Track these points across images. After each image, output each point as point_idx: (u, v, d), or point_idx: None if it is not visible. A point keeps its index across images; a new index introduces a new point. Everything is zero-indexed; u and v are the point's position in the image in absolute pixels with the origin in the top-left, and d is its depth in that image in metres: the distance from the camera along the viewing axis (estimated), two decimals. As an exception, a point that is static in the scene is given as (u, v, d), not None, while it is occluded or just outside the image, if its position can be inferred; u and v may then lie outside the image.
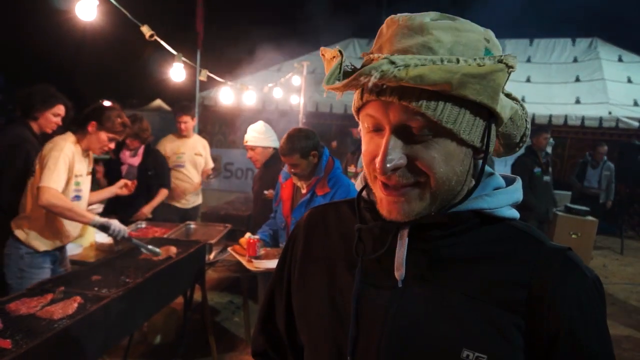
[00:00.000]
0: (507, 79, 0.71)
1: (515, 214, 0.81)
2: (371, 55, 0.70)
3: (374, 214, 0.82)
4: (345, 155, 6.59)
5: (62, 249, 2.94)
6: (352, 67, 0.71)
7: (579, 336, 0.72)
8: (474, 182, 0.80)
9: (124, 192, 3.37)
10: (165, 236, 3.40)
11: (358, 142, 4.55)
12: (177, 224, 3.77)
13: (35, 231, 2.75)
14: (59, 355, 1.80)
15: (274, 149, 3.70)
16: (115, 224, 2.71)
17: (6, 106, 11.46)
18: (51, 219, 2.76)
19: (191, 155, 4.60)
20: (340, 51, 0.72)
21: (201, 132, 8.74)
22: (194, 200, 4.65)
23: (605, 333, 0.75)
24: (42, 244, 2.76)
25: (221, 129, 11.68)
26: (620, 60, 10.31)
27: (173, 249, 2.84)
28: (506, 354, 0.71)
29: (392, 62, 0.64)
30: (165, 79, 3.90)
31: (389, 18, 0.74)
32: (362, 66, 0.68)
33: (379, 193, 0.77)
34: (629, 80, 9.53)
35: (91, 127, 2.77)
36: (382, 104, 0.71)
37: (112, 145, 2.90)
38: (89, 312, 1.90)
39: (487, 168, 0.83)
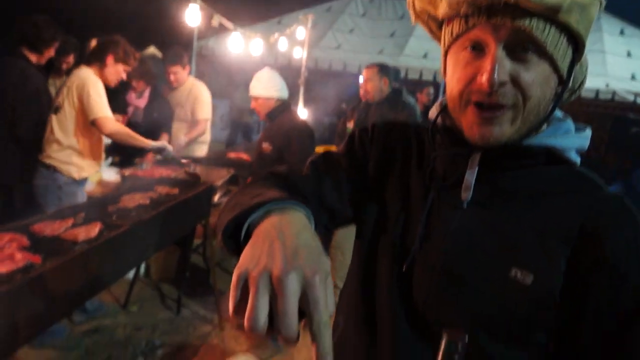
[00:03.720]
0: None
1: (578, 159, 0.86)
2: None
3: (448, 140, 0.89)
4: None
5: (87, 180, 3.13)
6: None
7: (621, 270, 0.76)
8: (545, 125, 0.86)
9: None
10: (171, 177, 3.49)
11: (356, 101, 4.54)
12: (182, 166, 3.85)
13: (78, 160, 3.02)
14: (82, 275, 1.94)
15: (279, 100, 3.47)
16: (167, 146, 3.26)
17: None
18: (95, 148, 3.05)
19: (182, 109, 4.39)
20: None
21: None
22: (198, 150, 4.65)
23: None
24: (83, 172, 3.05)
25: (218, 80, 11.55)
26: (621, 33, 10.28)
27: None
28: (550, 275, 0.79)
29: None
30: (159, 23, 3.87)
31: None
32: None
33: (469, 118, 0.81)
34: (629, 54, 9.55)
35: (109, 59, 2.88)
36: (491, 27, 0.75)
37: (125, 76, 3.08)
38: (111, 237, 2.02)
39: (557, 112, 0.87)
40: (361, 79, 4.15)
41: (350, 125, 6.25)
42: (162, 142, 3.27)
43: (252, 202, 0.69)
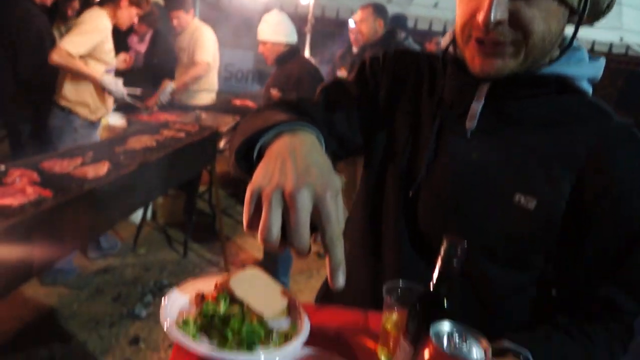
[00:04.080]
0: None
1: (590, 89, 0.86)
2: None
3: (457, 69, 0.89)
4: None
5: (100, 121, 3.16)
6: None
7: (626, 195, 0.80)
8: (558, 52, 0.85)
9: (123, 66, 3.42)
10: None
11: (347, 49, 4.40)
12: (187, 111, 3.84)
13: (92, 101, 3.05)
14: (92, 211, 1.98)
15: (288, 44, 3.33)
16: (120, 88, 3.11)
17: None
18: (99, 92, 3.04)
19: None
20: None
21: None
22: (205, 98, 4.60)
23: None
24: (98, 112, 3.09)
25: (221, 28, 11.30)
26: (641, -16, 9.90)
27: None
28: (554, 201, 0.81)
29: None
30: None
31: None
32: None
33: (471, 52, 0.83)
34: (647, 7, 9.23)
35: (124, 1, 2.86)
36: None
37: (136, 20, 3.07)
38: (119, 175, 2.05)
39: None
40: (351, 23, 3.97)
41: (341, 73, 6.10)
42: (114, 79, 3.09)
43: (263, 125, 0.71)
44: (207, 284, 0.86)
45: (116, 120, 3.57)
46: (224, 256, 3.56)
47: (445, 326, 0.61)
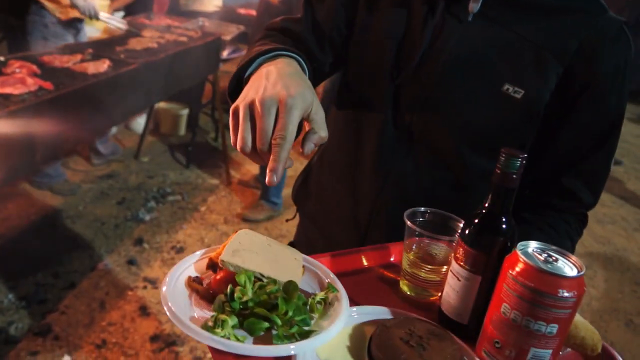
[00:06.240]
0: None
1: None
2: None
3: None
4: None
5: (81, 25, 2.96)
6: None
7: (605, 91, 0.82)
8: None
9: None
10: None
11: None
12: (190, 18, 3.71)
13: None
14: (93, 107, 1.97)
15: None
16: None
17: None
18: None
19: None
20: None
21: None
22: (209, 4, 4.37)
23: (625, 100, 0.85)
24: (63, 14, 2.81)
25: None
26: None
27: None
28: (539, 92, 0.82)
29: None
30: None
31: None
32: None
33: None
34: None
35: None
36: None
37: None
38: (121, 72, 2.01)
39: None
40: None
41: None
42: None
43: (246, 59, 0.78)
44: (194, 264, 0.70)
45: (116, 23, 3.45)
46: (225, 169, 3.59)
47: (531, 245, 0.58)
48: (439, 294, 0.70)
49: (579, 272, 0.54)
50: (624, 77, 0.83)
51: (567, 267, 0.55)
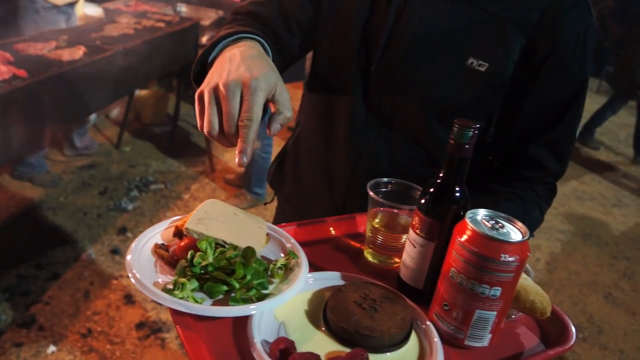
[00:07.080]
0: None
1: None
2: None
3: None
4: None
5: (72, 11, 2.93)
6: None
7: (567, 59, 0.83)
8: None
9: None
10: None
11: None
12: (168, 3, 3.67)
13: None
14: (69, 95, 1.95)
15: None
16: None
17: None
18: None
19: None
20: None
21: None
22: None
23: (588, 67, 0.86)
24: None
25: None
26: None
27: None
28: (503, 65, 0.84)
29: None
30: None
31: None
32: None
33: None
34: None
35: None
36: None
37: None
38: (96, 59, 2.00)
39: None
40: None
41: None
42: None
43: (209, 43, 0.79)
44: (162, 232, 0.72)
45: (93, 10, 3.40)
46: (208, 157, 3.58)
47: (480, 213, 0.60)
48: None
49: (522, 237, 0.56)
50: (586, 44, 0.84)
51: (512, 233, 0.57)
